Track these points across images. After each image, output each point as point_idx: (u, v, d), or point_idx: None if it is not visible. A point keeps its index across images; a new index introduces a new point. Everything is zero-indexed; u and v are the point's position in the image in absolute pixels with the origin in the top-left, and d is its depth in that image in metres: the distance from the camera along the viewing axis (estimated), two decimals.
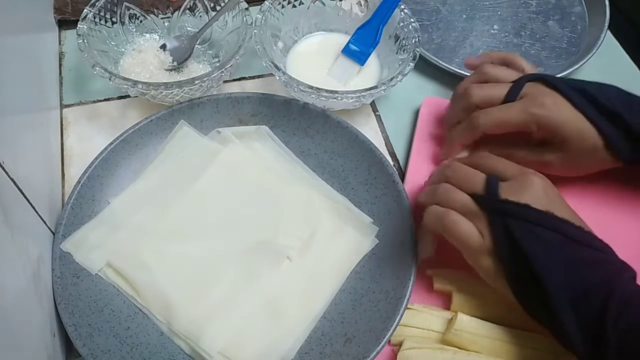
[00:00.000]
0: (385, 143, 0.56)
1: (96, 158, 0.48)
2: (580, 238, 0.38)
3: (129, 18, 0.57)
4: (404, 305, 0.41)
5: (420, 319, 0.43)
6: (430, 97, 0.57)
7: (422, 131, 0.55)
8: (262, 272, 0.45)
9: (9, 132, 0.39)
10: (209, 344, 0.41)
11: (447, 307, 0.44)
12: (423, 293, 0.45)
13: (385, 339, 0.40)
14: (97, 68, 0.49)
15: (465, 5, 0.67)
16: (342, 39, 0.58)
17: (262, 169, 0.51)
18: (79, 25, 0.52)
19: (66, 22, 0.62)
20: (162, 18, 0.58)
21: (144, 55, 0.56)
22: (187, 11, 0.58)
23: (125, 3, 0.55)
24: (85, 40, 0.51)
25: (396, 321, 0.41)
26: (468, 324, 0.41)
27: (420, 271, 0.44)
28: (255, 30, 0.53)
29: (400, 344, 0.42)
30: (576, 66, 0.59)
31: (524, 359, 0.41)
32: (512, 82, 0.47)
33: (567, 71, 0.59)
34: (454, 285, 0.44)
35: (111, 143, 0.49)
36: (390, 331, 0.40)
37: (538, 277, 0.37)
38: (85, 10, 0.53)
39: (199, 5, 0.58)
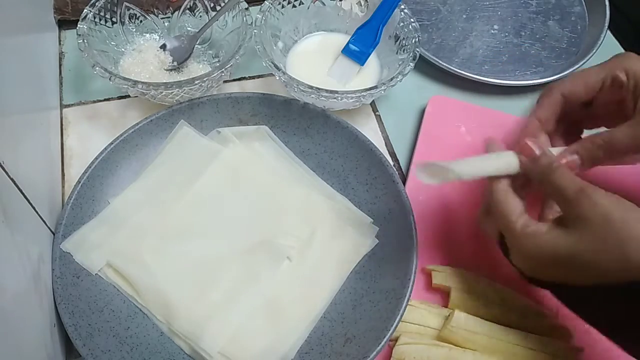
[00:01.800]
0: (385, 143, 0.56)
1: (96, 158, 0.48)
2: None
3: (129, 18, 0.56)
4: (404, 306, 0.41)
5: (417, 315, 0.43)
6: (436, 96, 0.57)
7: (428, 130, 0.55)
8: (262, 272, 0.45)
9: (9, 132, 0.39)
10: (209, 344, 0.41)
11: (445, 304, 0.45)
12: (421, 289, 0.45)
13: (385, 339, 0.40)
14: (97, 68, 0.49)
15: (465, 5, 0.67)
16: (342, 39, 0.58)
17: (262, 169, 0.51)
18: (79, 25, 0.52)
19: (66, 22, 0.62)
20: (162, 18, 0.58)
21: (144, 55, 0.56)
22: (187, 11, 0.58)
23: (125, 3, 0.55)
24: (85, 40, 0.51)
25: (396, 321, 0.41)
26: (465, 322, 0.41)
27: (419, 267, 0.44)
28: (255, 30, 0.52)
29: (396, 339, 0.42)
30: (576, 66, 0.59)
31: (519, 358, 0.41)
32: None
33: (568, 71, 0.59)
34: (453, 282, 0.44)
35: (111, 143, 0.49)
36: (390, 331, 0.40)
37: None
38: (85, 10, 0.53)
39: (199, 5, 0.58)
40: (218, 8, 0.57)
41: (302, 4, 0.58)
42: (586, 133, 0.43)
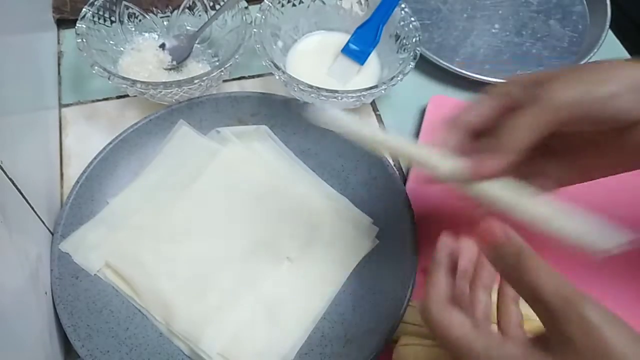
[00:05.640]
0: None
1: (95, 158, 0.47)
2: None
3: (128, 17, 0.56)
4: (404, 306, 0.41)
5: (418, 316, 0.43)
6: (437, 96, 0.57)
7: (428, 129, 0.54)
8: (262, 273, 0.45)
9: (8, 132, 0.39)
10: (208, 345, 0.41)
11: None
12: (422, 289, 0.45)
13: (385, 340, 0.40)
14: (96, 67, 0.49)
15: (466, 4, 0.67)
16: (342, 38, 0.57)
17: (261, 169, 0.51)
18: (77, 25, 0.52)
19: (65, 22, 0.61)
20: (161, 17, 0.58)
21: (143, 54, 0.56)
22: (187, 10, 0.58)
23: (124, 2, 0.55)
24: (84, 40, 0.51)
25: (397, 322, 0.41)
26: None
27: (420, 267, 0.44)
28: (254, 29, 0.52)
29: (396, 341, 0.41)
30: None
31: None
32: None
33: None
34: None
35: (110, 143, 0.48)
36: (391, 332, 0.40)
37: None
38: (84, 9, 0.52)
39: (198, 4, 0.58)
40: (217, 7, 0.57)
41: (302, 2, 0.58)
42: None
